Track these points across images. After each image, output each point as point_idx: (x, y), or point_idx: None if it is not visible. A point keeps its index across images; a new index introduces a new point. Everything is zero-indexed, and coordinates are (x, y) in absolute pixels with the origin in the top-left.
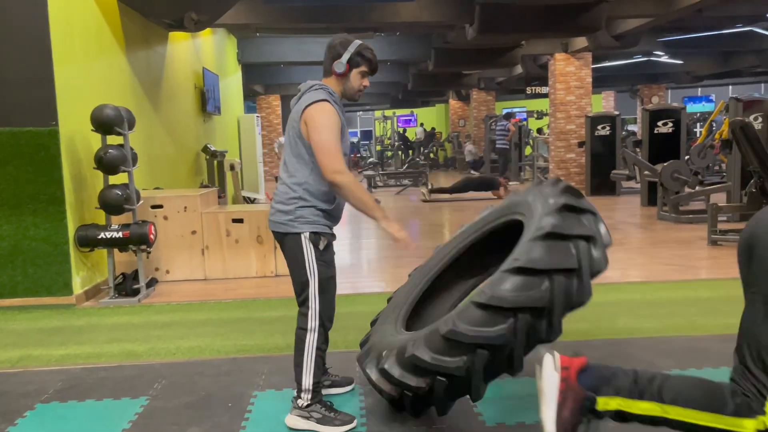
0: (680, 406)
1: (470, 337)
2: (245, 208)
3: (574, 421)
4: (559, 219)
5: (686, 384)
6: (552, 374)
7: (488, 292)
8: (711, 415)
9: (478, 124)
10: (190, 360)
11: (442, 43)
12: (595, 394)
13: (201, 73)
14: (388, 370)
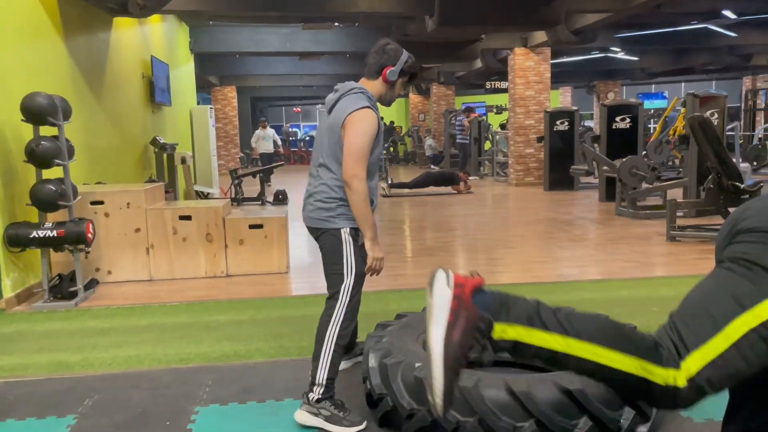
0: (584, 340)
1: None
2: (193, 204)
3: (464, 343)
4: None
5: (594, 319)
6: (444, 290)
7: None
8: (617, 354)
9: (438, 119)
10: (126, 371)
11: (402, 35)
12: (493, 318)
13: (149, 61)
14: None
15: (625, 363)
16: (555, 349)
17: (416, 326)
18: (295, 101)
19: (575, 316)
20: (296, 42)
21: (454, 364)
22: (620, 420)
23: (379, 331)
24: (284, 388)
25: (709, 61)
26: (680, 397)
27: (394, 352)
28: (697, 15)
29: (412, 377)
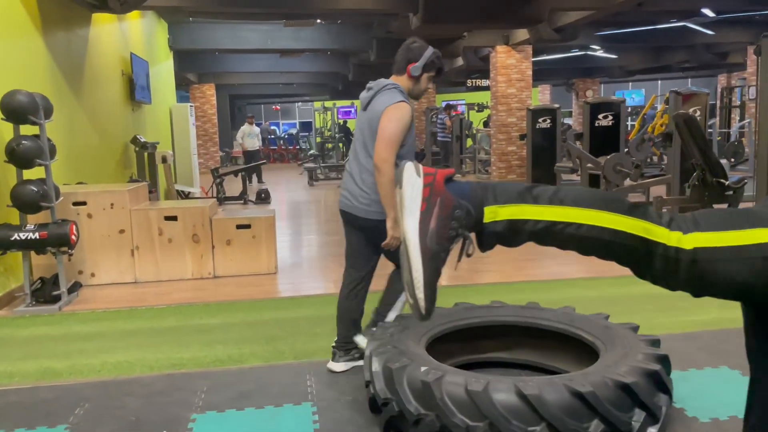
0: (583, 207)
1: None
2: (179, 204)
3: (442, 233)
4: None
5: (588, 190)
6: (414, 179)
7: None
8: (618, 216)
9: (418, 117)
10: (117, 378)
11: (384, 32)
12: (483, 202)
13: (129, 59)
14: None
15: (626, 223)
16: (552, 219)
17: (417, 328)
18: (274, 99)
19: (568, 189)
20: (277, 39)
21: (434, 256)
22: (631, 422)
23: (381, 334)
24: (282, 393)
25: (686, 59)
26: (680, 266)
27: (398, 355)
28: (676, 13)
29: (419, 382)
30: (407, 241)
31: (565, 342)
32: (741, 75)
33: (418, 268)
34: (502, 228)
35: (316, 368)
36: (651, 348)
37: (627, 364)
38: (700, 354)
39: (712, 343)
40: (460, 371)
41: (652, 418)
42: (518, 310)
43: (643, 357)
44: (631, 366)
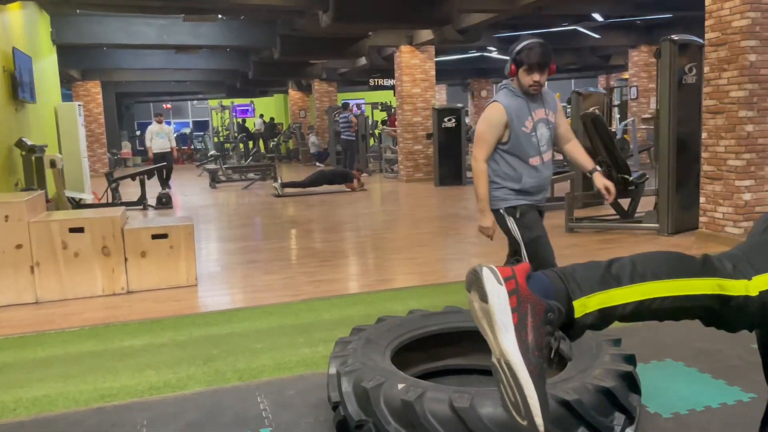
0: (661, 279)
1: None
2: (86, 214)
3: (540, 343)
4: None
5: (654, 257)
6: (497, 289)
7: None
8: (693, 280)
9: (321, 116)
10: (37, 417)
11: (290, 30)
12: (570, 297)
13: (11, 53)
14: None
15: (702, 286)
16: (638, 299)
17: (379, 340)
18: (164, 97)
19: (643, 259)
20: (174, 34)
21: (539, 372)
22: (613, 425)
23: (343, 350)
24: (235, 420)
25: (573, 60)
26: (751, 309)
27: (368, 373)
28: (570, 17)
29: (398, 400)
30: (510, 364)
31: None
32: (619, 76)
33: (531, 392)
34: (593, 319)
35: (265, 389)
36: (614, 347)
37: (601, 368)
38: (643, 348)
39: (650, 336)
40: (441, 386)
41: (630, 419)
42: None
43: (612, 358)
44: (606, 369)
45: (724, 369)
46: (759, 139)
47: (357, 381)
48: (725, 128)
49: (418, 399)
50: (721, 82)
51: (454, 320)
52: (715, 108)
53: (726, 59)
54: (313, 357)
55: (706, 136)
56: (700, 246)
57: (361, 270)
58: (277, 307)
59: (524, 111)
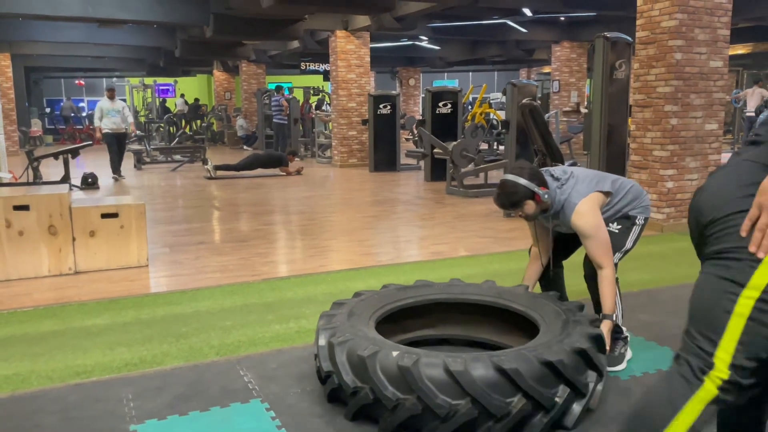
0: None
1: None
2: (32, 192)
3: None
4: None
5: (635, 423)
6: None
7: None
8: (680, 418)
9: (249, 98)
10: (14, 394)
11: (224, 8)
12: None
13: None
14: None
15: (690, 412)
16: None
17: (362, 312)
18: (78, 73)
19: (645, 416)
20: (99, 6)
21: None
22: (555, 398)
23: (329, 323)
24: (221, 392)
25: (499, 53)
26: (735, 387)
27: (361, 343)
28: (501, 11)
29: (394, 367)
30: None
31: (502, 315)
32: (540, 70)
33: None
34: None
35: (246, 363)
36: (580, 313)
37: (575, 332)
38: None
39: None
40: (433, 353)
41: (600, 376)
42: (446, 288)
43: (581, 323)
44: (579, 332)
45: (668, 337)
46: (681, 132)
47: (351, 351)
48: (652, 121)
49: (414, 365)
50: (650, 78)
51: (427, 293)
52: (644, 102)
53: (654, 57)
54: (287, 332)
55: (635, 128)
56: None
57: (314, 251)
58: (239, 286)
59: (543, 220)
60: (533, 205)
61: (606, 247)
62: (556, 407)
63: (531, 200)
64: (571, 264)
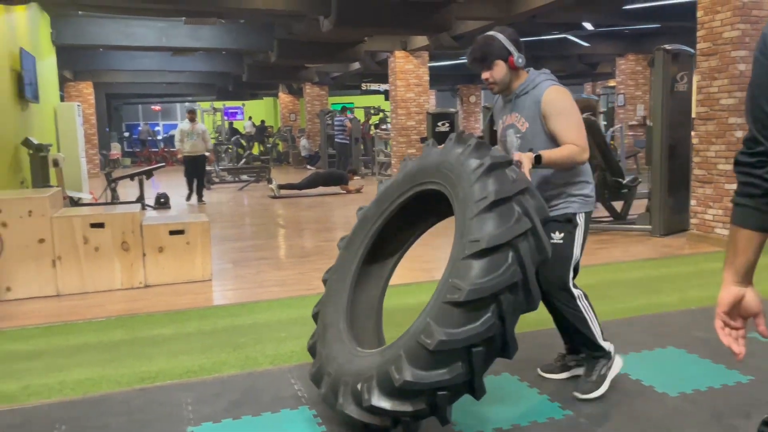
0: None
1: (461, 340)
2: (106, 210)
3: None
4: (494, 182)
5: None
6: None
7: (463, 287)
8: None
9: (312, 119)
10: (85, 397)
11: (287, 34)
12: None
13: (18, 54)
14: (377, 405)
15: None
16: None
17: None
18: (154, 99)
19: None
20: (173, 37)
21: None
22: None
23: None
24: (274, 399)
25: (561, 68)
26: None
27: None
28: (561, 26)
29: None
30: None
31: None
32: (605, 84)
33: None
34: None
35: (297, 372)
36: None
37: None
38: (644, 336)
39: (652, 326)
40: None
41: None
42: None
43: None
44: None
45: (722, 355)
46: None
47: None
48: (716, 134)
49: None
50: (712, 90)
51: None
52: (706, 115)
53: (717, 68)
54: None
55: (698, 142)
56: (691, 246)
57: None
58: (295, 299)
59: (498, 113)
60: (504, 69)
61: (580, 128)
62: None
63: (503, 62)
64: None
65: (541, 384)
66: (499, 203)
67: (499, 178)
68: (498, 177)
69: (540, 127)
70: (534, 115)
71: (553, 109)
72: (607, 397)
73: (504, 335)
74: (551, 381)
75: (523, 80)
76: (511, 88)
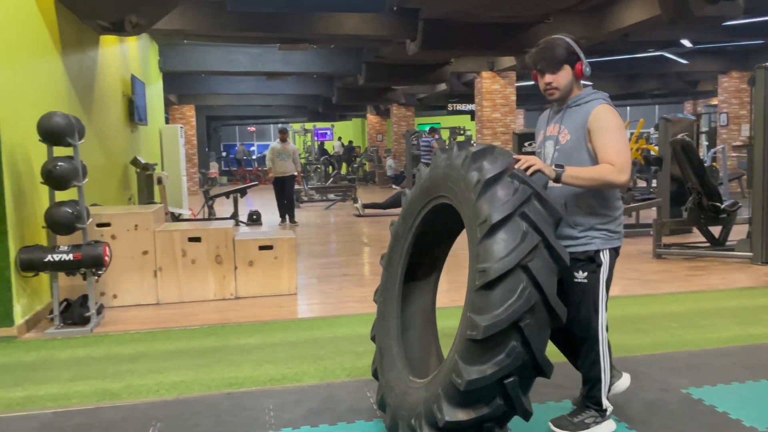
0: None
1: (490, 376)
2: (202, 225)
3: None
4: (494, 200)
5: None
6: None
7: (479, 323)
8: None
9: (398, 139)
10: (179, 398)
11: (375, 57)
12: None
13: (129, 80)
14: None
15: None
16: None
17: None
18: (249, 120)
19: None
20: (267, 62)
21: None
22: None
23: None
24: (350, 410)
25: (658, 86)
26: None
27: None
28: (656, 43)
29: None
30: None
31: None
32: (708, 102)
33: None
34: None
35: (373, 386)
36: None
37: None
38: (737, 369)
39: (745, 358)
40: None
41: None
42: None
43: None
44: None
45: None
46: None
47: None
48: None
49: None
50: None
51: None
52: None
53: None
54: None
55: None
56: None
57: (450, 285)
58: (374, 316)
59: (542, 124)
60: (569, 75)
61: (622, 147)
62: None
63: (570, 68)
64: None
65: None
66: (503, 223)
67: (500, 193)
68: (498, 192)
69: (583, 143)
70: (579, 128)
71: (599, 124)
72: (690, 429)
73: (534, 358)
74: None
75: (579, 93)
76: (567, 98)
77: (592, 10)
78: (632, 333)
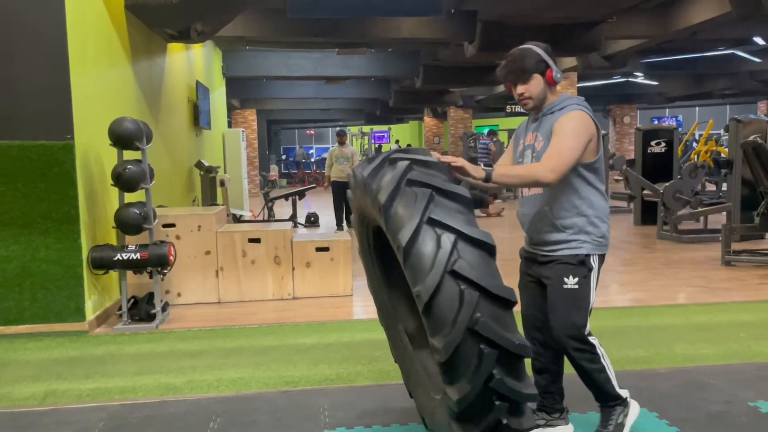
0: None
1: (472, 388)
2: (262, 227)
3: None
4: (398, 220)
5: None
6: None
7: (438, 346)
8: None
9: (455, 142)
10: (238, 394)
11: (432, 60)
12: None
13: (194, 86)
14: None
15: None
16: None
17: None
18: (308, 124)
19: None
20: (326, 66)
21: None
22: None
23: None
24: (402, 412)
25: (728, 86)
26: None
27: None
28: (727, 41)
29: None
30: None
31: None
32: None
33: None
34: None
35: None
36: None
37: None
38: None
39: None
40: None
41: None
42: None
43: None
44: None
45: None
46: None
47: None
48: None
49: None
50: None
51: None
52: None
53: None
54: None
55: None
56: None
57: None
58: None
59: (521, 133)
60: (541, 84)
61: (565, 151)
62: None
63: (541, 76)
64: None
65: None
66: (413, 240)
67: (400, 212)
68: (399, 211)
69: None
70: (550, 135)
71: (558, 128)
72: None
73: (504, 348)
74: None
75: (554, 100)
76: (543, 106)
77: (658, 8)
78: (698, 342)
